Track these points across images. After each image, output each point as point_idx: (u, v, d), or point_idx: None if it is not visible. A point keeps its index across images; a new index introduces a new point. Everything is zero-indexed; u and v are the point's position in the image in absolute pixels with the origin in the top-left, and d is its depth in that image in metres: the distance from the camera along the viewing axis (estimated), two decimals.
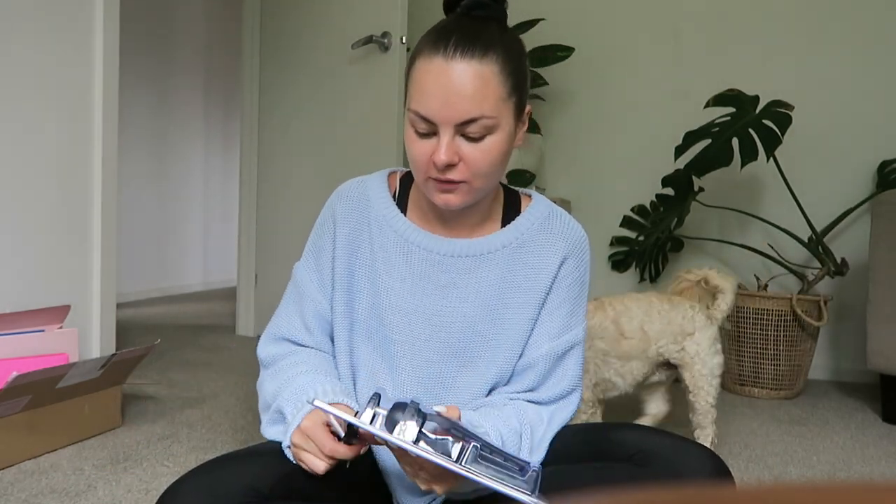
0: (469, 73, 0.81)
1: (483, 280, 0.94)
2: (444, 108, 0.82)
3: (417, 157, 0.87)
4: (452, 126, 0.82)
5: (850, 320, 2.56)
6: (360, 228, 0.96)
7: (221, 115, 5.20)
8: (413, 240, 0.94)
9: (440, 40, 0.83)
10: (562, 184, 2.89)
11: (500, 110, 0.84)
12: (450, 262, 0.94)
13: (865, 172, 2.55)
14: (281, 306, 1.02)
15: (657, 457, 0.84)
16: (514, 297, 0.95)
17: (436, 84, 0.82)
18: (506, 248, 0.95)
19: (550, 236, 0.96)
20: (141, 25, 4.22)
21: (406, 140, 0.89)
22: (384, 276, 0.94)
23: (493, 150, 0.85)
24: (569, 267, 0.96)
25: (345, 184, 1.01)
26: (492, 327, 0.94)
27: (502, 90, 0.84)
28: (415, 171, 0.89)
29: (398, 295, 0.94)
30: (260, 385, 0.98)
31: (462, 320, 0.94)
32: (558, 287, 0.95)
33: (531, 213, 0.97)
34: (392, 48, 2.32)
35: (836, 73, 2.59)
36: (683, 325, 1.55)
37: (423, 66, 0.84)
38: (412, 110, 0.85)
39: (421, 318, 0.94)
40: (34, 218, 1.78)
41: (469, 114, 0.82)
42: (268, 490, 0.80)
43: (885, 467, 1.58)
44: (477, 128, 0.83)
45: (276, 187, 2.92)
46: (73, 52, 1.87)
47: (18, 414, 1.37)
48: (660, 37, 2.80)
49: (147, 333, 2.97)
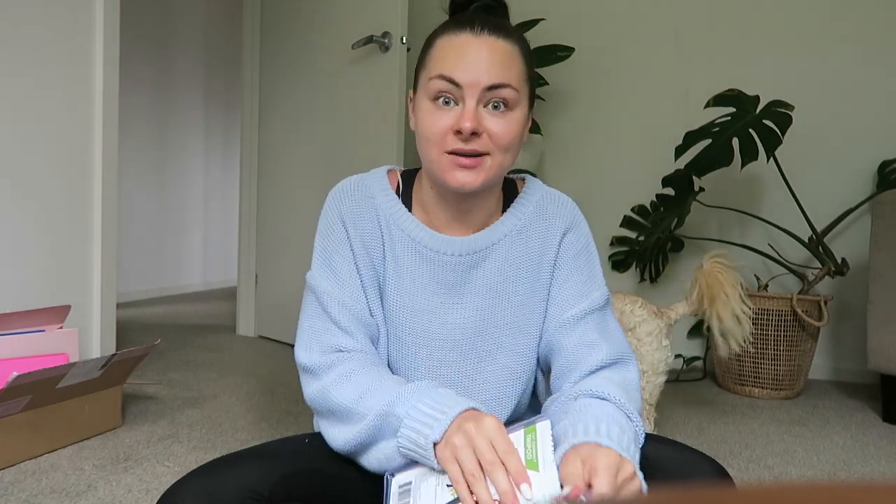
0: (498, 46, 0.83)
1: (490, 271, 0.94)
2: (474, 72, 0.82)
3: (436, 129, 0.84)
4: (479, 91, 0.82)
5: (851, 320, 2.56)
6: (370, 225, 0.94)
7: (221, 115, 5.21)
8: (419, 239, 0.93)
9: (464, 22, 0.84)
10: (562, 184, 2.88)
11: (522, 87, 0.85)
12: (456, 262, 0.93)
13: (865, 172, 2.55)
14: (305, 319, 0.93)
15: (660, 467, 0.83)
16: (521, 282, 0.94)
17: (465, 52, 0.82)
18: (507, 237, 0.94)
19: (548, 216, 0.96)
20: (141, 26, 4.22)
21: (421, 115, 0.86)
22: (392, 275, 0.94)
23: (515, 125, 0.85)
24: (569, 240, 0.95)
25: (342, 182, 0.97)
26: (504, 317, 0.94)
27: (524, 70, 0.86)
28: (428, 148, 0.85)
29: (407, 294, 0.93)
30: (324, 394, 0.87)
31: (473, 315, 0.93)
32: (563, 261, 0.95)
33: (527, 197, 0.97)
34: (392, 48, 2.32)
35: (836, 73, 2.59)
36: (621, 320, 1.55)
37: (447, 41, 0.84)
38: (436, 76, 0.83)
39: (433, 317, 0.93)
40: (34, 218, 1.78)
41: (498, 78, 0.82)
42: (268, 492, 0.79)
43: (885, 467, 1.57)
44: (501, 96, 0.83)
45: (277, 187, 2.92)
46: (74, 53, 1.87)
47: (19, 414, 1.37)
48: (660, 37, 2.80)
49: (147, 333, 2.97)
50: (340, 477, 0.88)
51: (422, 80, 0.87)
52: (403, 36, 2.32)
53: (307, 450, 0.89)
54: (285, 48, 2.84)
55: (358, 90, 2.48)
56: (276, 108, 2.90)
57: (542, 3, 2.85)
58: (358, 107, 2.49)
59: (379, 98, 2.38)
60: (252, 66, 2.99)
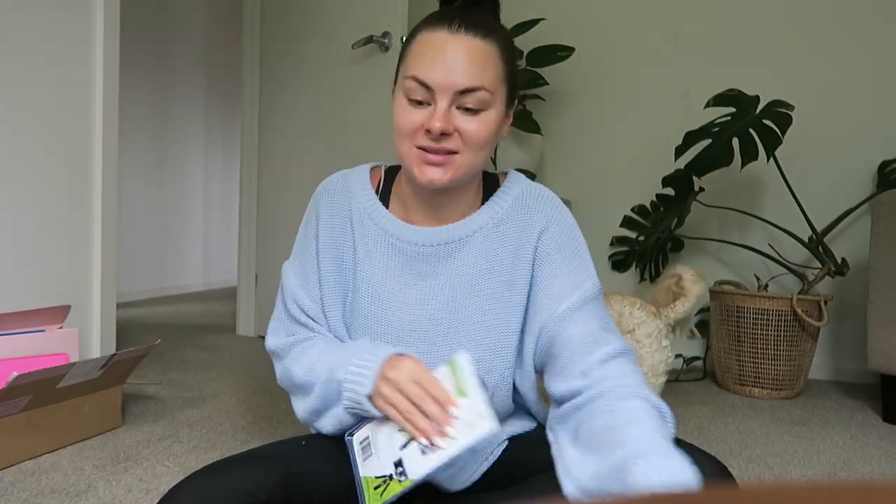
0: (473, 46, 0.83)
1: (463, 263, 0.93)
2: (447, 75, 0.82)
3: (407, 124, 0.85)
4: (451, 94, 0.83)
5: (851, 320, 2.56)
6: (343, 221, 0.96)
7: (221, 115, 5.21)
8: (391, 231, 0.94)
9: (443, 18, 0.85)
10: (562, 184, 2.89)
11: (497, 88, 0.86)
12: (429, 252, 0.93)
13: (865, 172, 2.55)
14: (276, 307, 1.02)
15: None
16: (496, 276, 0.93)
17: (439, 52, 0.83)
18: (483, 230, 0.93)
19: (526, 211, 0.94)
20: (141, 26, 4.22)
21: (395, 109, 0.87)
22: (365, 268, 0.94)
23: (487, 125, 0.85)
24: (552, 234, 0.93)
25: (330, 177, 1.01)
26: (476, 310, 0.93)
27: (501, 70, 0.86)
28: (400, 142, 0.87)
29: (380, 286, 0.94)
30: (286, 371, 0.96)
31: (445, 307, 0.93)
32: (548, 257, 0.93)
33: (506, 191, 0.96)
34: (392, 48, 2.32)
35: (836, 73, 2.59)
36: (620, 322, 1.55)
37: (425, 38, 0.85)
38: (410, 76, 0.84)
39: (403, 308, 0.93)
40: (34, 218, 1.78)
41: (470, 82, 0.83)
42: (266, 495, 0.79)
43: (885, 467, 1.58)
44: (474, 99, 0.83)
45: (277, 187, 2.92)
46: (74, 53, 1.87)
47: (19, 414, 1.37)
48: (660, 37, 2.80)
49: (147, 333, 2.97)
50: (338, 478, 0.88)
51: (399, 74, 0.88)
52: (403, 36, 2.32)
53: (305, 452, 0.89)
54: (285, 48, 2.84)
55: (358, 90, 2.48)
56: (277, 108, 2.90)
57: (542, 3, 2.85)
58: (358, 107, 2.49)
59: (379, 98, 2.38)
60: (252, 67, 2.99)
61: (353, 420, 0.88)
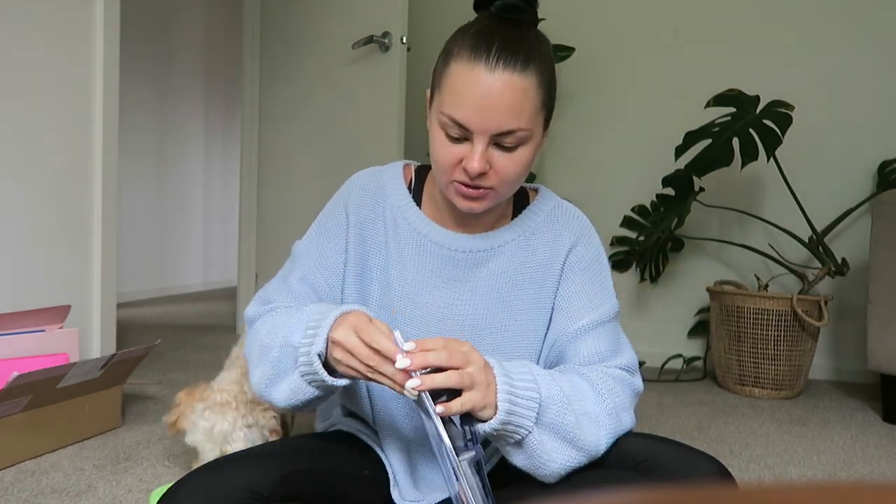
0: (510, 86, 0.80)
1: (493, 273, 0.95)
2: (483, 119, 0.81)
3: (445, 160, 0.85)
4: (488, 136, 0.82)
5: (851, 320, 2.56)
6: (375, 216, 0.96)
7: (221, 115, 5.21)
8: (426, 233, 0.95)
9: (481, 45, 0.81)
10: (562, 184, 2.88)
11: (534, 122, 0.84)
12: (460, 258, 0.94)
13: (865, 172, 2.55)
14: (273, 279, 0.99)
15: (663, 466, 0.83)
16: (525, 289, 0.95)
17: (476, 93, 0.80)
18: (514, 242, 0.95)
19: (557, 227, 0.97)
20: (141, 26, 4.22)
21: (433, 141, 0.87)
22: (396, 267, 0.95)
23: (524, 160, 0.85)
24: (579, 252, 0.96)
25: (360, 172, 1.01)
26: (503, 320, 0.94)
27: (538, 102, 0.84)
28: (438, 173, 0.88)
29: (411, 287, 0.94)
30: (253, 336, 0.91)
31: (473, 313, 0.94)
32: (572, 273, 0.95)
33: (538, 206, 0.98)
34: (392, 48, 2.32)
35: (835, 73, 2.59)
36: None
37: (462, 72, 0.82)
38: (446, 114, 0.83)
39: (432, 311, 0.94)
40: (35, 218, 1.78)
41: (507, 125, 0.81)
42: (267, 492, 0.80)
43: (885, 467, 1.58)
44: (512, 139, 0.83)
45: (277, 187, 2.92)
46: (74, 53, 1.87)
47: (19, 414, 1.37)
48: (660, 37, 2.80)
49: (147, 333, 2.97)
50: (340, 476, 0.88)
51: (436, 100, 0.86)
52: (403, 36, 2.32)
53: (306, 450, 0.90)
54: (285, 48, 2.84)
55: (358, 90, 2.48)
56: (277, 107, 2.90)
57: (542, 3, 2.84)
58: (358, 107, 2.49)
59: (379, 98, 2.38)
60: (252, 66, 2.99)
61: (307, 392, 0.83)
